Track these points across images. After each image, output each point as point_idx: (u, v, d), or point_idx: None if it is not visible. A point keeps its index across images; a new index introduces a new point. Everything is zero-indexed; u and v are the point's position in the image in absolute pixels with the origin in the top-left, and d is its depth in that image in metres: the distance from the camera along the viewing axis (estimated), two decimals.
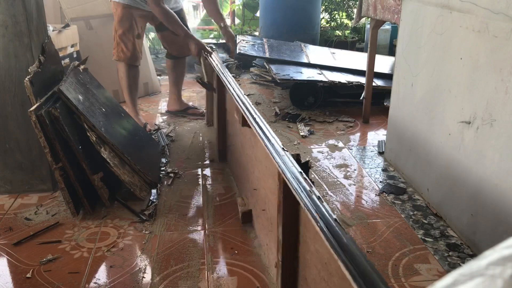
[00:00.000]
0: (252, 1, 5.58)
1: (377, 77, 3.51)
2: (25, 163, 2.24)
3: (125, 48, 2.97)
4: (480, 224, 1.77)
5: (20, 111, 2.16)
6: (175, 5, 3.10)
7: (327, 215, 1.05)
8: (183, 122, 3.33)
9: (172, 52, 3.26)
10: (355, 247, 0.93)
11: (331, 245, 0.96)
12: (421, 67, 2.22)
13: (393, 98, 2.57)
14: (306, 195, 1.15)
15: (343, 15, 5.53)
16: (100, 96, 2.41)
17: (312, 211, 1.08)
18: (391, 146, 2.63)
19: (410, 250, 1.84)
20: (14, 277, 1.70)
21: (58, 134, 1.96)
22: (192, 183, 2.43)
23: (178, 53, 3.25)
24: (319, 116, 3.41)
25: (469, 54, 1.80)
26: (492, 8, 1.64)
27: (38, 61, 2.07)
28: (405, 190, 2.32)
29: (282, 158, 1.33)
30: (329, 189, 2.34)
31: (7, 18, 2.04)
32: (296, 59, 3.81)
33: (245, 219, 2.02)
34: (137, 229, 1.99)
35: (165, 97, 3.84)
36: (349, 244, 0.94)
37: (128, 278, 1.69)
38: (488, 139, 1.69)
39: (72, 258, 1.80)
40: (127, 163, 2.21)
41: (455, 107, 1.91)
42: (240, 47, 3.79)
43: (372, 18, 2.99)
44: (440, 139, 2.04)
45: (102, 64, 3.41)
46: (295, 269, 1.42)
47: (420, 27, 2.21)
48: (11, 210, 2.14)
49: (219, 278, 1.69)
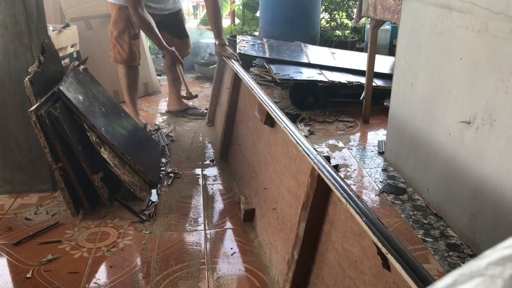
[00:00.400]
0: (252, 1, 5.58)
1: (377, 77, 3.51)
2: (25, 163, 2.24)
3: (121, 50, 2.96)
4: (480, 224, 1.77)
5: (20, 111, 2.16)
6: (174, 5, 3.09)
7: (368, 212, 1.08)
8: (183, 122, 3.33)
9: None
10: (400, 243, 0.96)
11: (380, 240, 0.98)
12: (421, 67, 2.22)
13: (393, 98, 2.57)
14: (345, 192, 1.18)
15: (343, 15, 5.53)
16: (100, 96, 2.41)
17: (355, 207, 1.11)
18: (391, 146, 2.63)
19: (410, 250, 1.84)
20: (14, 277, 1.70)
21: (58, 134, 1.96)
22: (192, 183, 2.43)
23: None
24: (319, 116, 3.41)
25: (469, 54, 1.80)
26: (492, 8, 1.64)
27: (38, 61, 2.07)
28: (405, 190, 2.32)
29: (316, 157, 1.38)
30: None
31: (7, 18, 2.04)
32: (296, 59, 3.81)
33: (246, 217, 2.02)
34: (137, 229, 1.99)
35: (165, 97, 3.84)
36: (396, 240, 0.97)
37: (128, 278, 1.69)
38: (488, 139, 1.69)
39: (72, 258, 1.80)
40: (127, 163, 2.21)
41: (455, 107, 1.91)
42: (240, 47, 3.79)
43: (372, 18, 2.99)
44: (440, 139, 2.04)
45: (102, 64, 3.41)
46: (309, 267, 1.43)
47: (420, 27, 2.21)
48: (11, 210, 2.14)
49: (219, 278, 1.69)
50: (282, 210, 1.67)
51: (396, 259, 0.92)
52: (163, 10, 3.04)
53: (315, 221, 1.38)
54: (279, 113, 1.75)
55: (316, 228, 1.39)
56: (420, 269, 0.88)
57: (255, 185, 2.06)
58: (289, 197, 1.60)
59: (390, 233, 1.00)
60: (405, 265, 0.89)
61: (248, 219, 2.03)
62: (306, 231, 1.40)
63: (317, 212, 1.37)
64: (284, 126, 1.63)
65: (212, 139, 3.00)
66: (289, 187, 1.62)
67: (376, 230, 1.00)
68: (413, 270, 0.88)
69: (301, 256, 1.42)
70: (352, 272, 1.18)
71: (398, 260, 0.91)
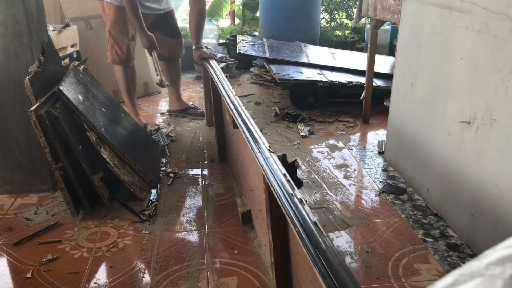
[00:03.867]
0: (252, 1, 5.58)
1: (377, 77, 3.51)
2: (25, 163, 2.24)
3: (119, 51, 2.95)
4: (480, 224, 1.77)
5: (20, 111, 2.16)
6: (166, 5, 3.10)
7: (307, 218, 1.05)
8: (183, 122, 3.33)
9: (163, 54, 3.25)
10: (333, 251, 0.94)
11: (307, 250, 0.97)
12: (421, 67, 2.22)
13: (393, 98, 2.57)
14: (288, 199, 1.14)
15: (343, 15, 5.53)
16: (100, 96, 2.41)
17: (291, 215, 1.08)
18: (391, 146, 2.63)
19: (410, 250, 1.84)
20: (14, 277, 1.70)
21: (58, 134, 1.96)
22: (192, 183, 2.43)
23: (169, 55, 3.24)
24: (319, 116, 3.41)
25: (469, 54, 1.80)
26: (492, 8, 1.64)
27: (38, 61, 2.07)
28: (405, 190, 2.32)
29: (267, 160, 1.33)
30: (329, 189, 2.34)
31: (7, 18, 2.04)
32: (296, 59, 3.81)
33: (245, 219, 2.02)
34: (137, 229, 1.99)
35: (165, 97, 3.84)
36: (326, 249, 0.95)
37: (128, 278, 1.69)
38: (488, 139, 1.69)
39: (72, 258, 1.80)
40: (127, 163, 2.21)
41: (455, 107, 1.91)
42: (240, 47, 3.79)
43: (372, 18, 2.99)
44: (440, 139, 2.04)
45: (102, 64, 3.41)
46: (288, 270, 1.42)
47: (420, 27, 2.21)
48: (11, 210, 2.14)
49: (219, 278, 1.69)
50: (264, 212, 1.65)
51: (320, 274, 0.90)
52: (157, 10, 3.05)
53: (279, 226, 1.35)
54: (241, 114, 1.70)
55: (282, 232, 1.36)
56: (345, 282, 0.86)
57: (246, 186, 2.05)
58: None
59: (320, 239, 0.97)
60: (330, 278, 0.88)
61: (246, 221, 2.02)
62: (274, 236, 1.38)
63: (277, 217, 1.34)
64: (242, 130, 1.59)
65: (212, 139, 3.00)
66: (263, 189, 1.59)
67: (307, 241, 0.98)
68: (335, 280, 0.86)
69: (276, 260, 1.41)
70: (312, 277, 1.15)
71: (321, 274, 0.90)
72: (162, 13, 3.08)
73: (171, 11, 3.18)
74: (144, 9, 2.95)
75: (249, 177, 1.90)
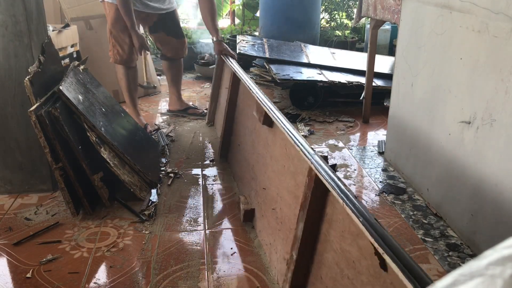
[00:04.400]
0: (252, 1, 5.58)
1: (377, 77, 3.51)
2: (25, 163, 2.24)
3: (121, 50, 2.95)
4: (480, 224, 1.77)
5: (20, 111, 2.16)
6: (169, 5, 3.09)
7: (365, 212, 1.08)
8: (183, 122, 3.33)
9: (166, 54, 3.25)
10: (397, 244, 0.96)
11: (376, 240, 0.98)
12: (421, 67, 2.22)
13: (393, 98, 2.57)
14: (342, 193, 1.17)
15: (343, 15, 5.53)
16: (100, 96, 2.41)
17: (351, 207, 1.11)
18: (391, 146, 2.63)
19: (410, 250, 1.84)
20: (14, 277, 1.70)
21: (58, 134, 1.96)
22: (192, 183, 2.43)
23: (172, 54, 3.25)
24: (319, 116, 3.41)
25: (469, 54, 1.80)
26: (492, 8, 1.64)
27: (38, 61, 2.07)
28: (405, 190, 2.32)
29: (313, 157, 1.38)
30: None
31: (7, 18, 2.04)
32: (296, 59, 3.81)
33: (246, 217, 2.02)
34: (137, 229, 1.99)
35: (165, 97, 3.84)
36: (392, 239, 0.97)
37: (128, 278, 1.69)
38: (488, 139, 1.69)
39: (72, 258, 1.80)
40: (127, 163, 2.21)
41: (455, 107, 1.91)
42: (240, 47, 3.79)
43: (372, 18, 2.99)
44: (440, 139, 2.04)
45: (102, 64, 3.41)
46: (308, 267, 1.43)
47: (420, 27, 2.21)
48: (11, 210, 2.14)
49: (219, 278, 1.69)
50: (281, 210, 1.67)
51: (392, 260, 0.92)
52: (160, 10, 3.04)
53: (313, 221, 1.38)
54: (277, 113, 1.75)
55: (315, 228, 1.39)
56: (417, 269, 0.87)
57: (254, 185, 2.06)
58: (288, 197, 1.60)
59: (387, 233, 0.99)
60: (402, 265, 0.89)
61: (247, 219, 2.03)
62: (305, 231, 1.39)
63: (315, 212, 1.37)
64: (282, 126, 1.63)
65: (212, 139, 3.00)
66: (288, 187, 1.61)
67: (372, 231, 1.00)
68: (409, 271, 0.87)
69: (299, 256, 1.42)
70: (350, 272, 1.18)
71: (394, 260, 0.91)
72: (165, 12, 3.07)
73: (174, 11, 3.18)
74: (147, 9, 2.95)
75: (265, 176, 1.90)
